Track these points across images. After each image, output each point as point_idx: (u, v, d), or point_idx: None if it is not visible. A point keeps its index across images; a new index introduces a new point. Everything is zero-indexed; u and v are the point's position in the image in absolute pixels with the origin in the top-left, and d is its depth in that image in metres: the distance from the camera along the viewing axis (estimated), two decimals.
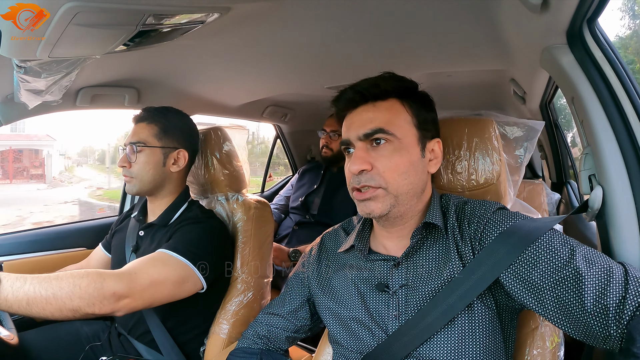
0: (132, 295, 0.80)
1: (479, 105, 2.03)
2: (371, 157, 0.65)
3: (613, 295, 0.49)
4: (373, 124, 0.65)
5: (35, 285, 0.70)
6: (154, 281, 0.84)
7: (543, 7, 0.61)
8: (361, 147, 0.66)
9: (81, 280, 0.74)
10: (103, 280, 0.76)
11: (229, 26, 0.87)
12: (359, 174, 0.65)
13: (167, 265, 0.88)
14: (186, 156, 1.08)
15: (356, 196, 0.67)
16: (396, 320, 0.65)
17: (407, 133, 0.66)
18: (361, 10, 0.85)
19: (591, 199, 0.63)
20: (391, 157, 0.65)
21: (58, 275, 0.74)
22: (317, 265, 0.80)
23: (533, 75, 1.10)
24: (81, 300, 0.73)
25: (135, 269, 0.83)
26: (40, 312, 0.70)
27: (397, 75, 0.70)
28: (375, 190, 0.65)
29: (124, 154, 1.04)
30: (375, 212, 0.65)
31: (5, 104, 1.14)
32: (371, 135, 0.65)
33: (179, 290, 0.89)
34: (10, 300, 0.68)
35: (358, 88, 0.68)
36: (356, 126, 0.67)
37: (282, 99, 2.06)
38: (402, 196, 0.66)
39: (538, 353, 0.70)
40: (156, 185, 1.05)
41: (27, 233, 1.44)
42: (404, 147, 0.65)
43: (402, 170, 0.65)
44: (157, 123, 1.05)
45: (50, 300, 0.70)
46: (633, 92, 0.61)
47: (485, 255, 0.61)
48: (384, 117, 0.66)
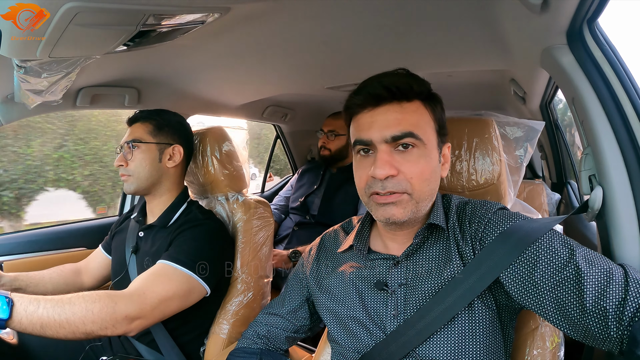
0: (144, 316, 0.82)
1: (479, 105, 2.03)
2: (396, 161, 0.61)
3: (613, 297, 0.49)
4: (402, 127, 0.61)
5: (48, 309, 0.71)
6: (163, 299, 0.85)
7: (543, 7, 0.61)
8: (386, 150, 0.62)
9: (93, 305, 0.75)
10: (115, 305, 0.78)
11: (229, 26, 0.87)
12: (384, 180, 0.61)
13: (173, 280, 0.89)
14: (181, 151, 1.09)
15: (376, 199, 0.63)
16: (394, 320, 0.65)
17: (431, 138, 0.64)
18: (361, 10, 0.85)
19: (591, 199, 0.63)
20: (418, 162, 0.62)
21: (71, 299, 0.75)
22: (316, 265, 0.80)
23: (533, 76, 1.10)
24: (94, 325, 0.75)
25: (143, 288, 0.85)
26: (54, 334, 0.72)
27: (415, 75, 0.66)
28: (400, 195, 0.62)
29: (120, 154, 1.05)
30: (396, 216, 0.62)
31: (5, 104, 1.14)
32: (400, 139, 0.61)
33: (186, 302, 0.92)
34: (25, 324, 0.70)
35: (386, 83, 0.62)
36: (380, 126, 0.62)
37: (282, 99, 2.06)
38: (422, 202, 0.64)
39: (538, 353, 0.70)
40: (153, 182, 1.06)
41: (27, 233, 1.44)
42: (428, 152, 0.63)
43: (426, 176, 0.63)
44: (150, 121, 1.07)
45: (63, 324, 0.72)
46: (633, 92, 0.61)
47: (486, 255, 0.61)
48: (412, 119, 0.62)
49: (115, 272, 1.10)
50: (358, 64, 1.22)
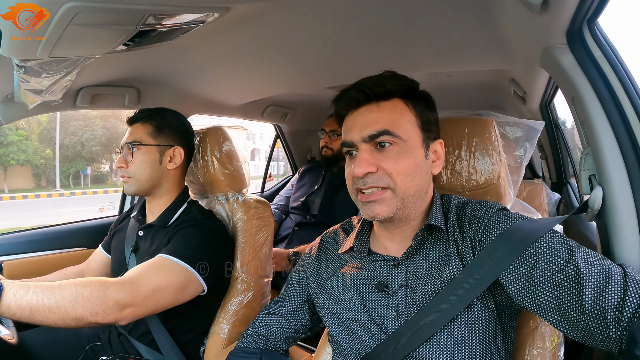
0: (136, 304, 0.80)
1: (479, 105, 2.03)
2: (376, 158, 0.64)
3: (612, 297, 0.49)
4: (378, 125, 0.63)
5: (38, 293, 0.71)
6: (157, 288, 0.84)
7: (543, 7, 0.61)
8: (365, 149, 0.64)
9: (84, 289, 0.74)
10: (106, 289, 0.76)
11: (229, 26, 0.87)
12: (364, 176, 0.63)
13: (169, 271, 0.88)
14: (182, 153, 1.08)
15: (360, 198, 0.66)
16: (395, 321, 0.65)
17: (412, 134, 0.65)
18: (361, 10, 0.85)
19: (591, 199, 0.63)
20: (397, 159, 0.63)
21: (61, 283, 0.74)
22: (317, 266, 0.80)
23: (533, 75, 1.10)
24: (84, 309, 0.73)
25: (137, 276, 0.84)
26: (43, 320, 0.71)
27: (399, 74, 0.68)
28: (382, 192, 0.63)
29: (120, 155, 1.05)
30: (380, 215, 0.64)
31: (5, 104, 1.15)
32: (376, 137, 0.63)
33: (182, 296, 0.90)
34: (13, 309, 0.69)
35: (361, 87, 0.66)
36: (359, 127, 0.65)
37: (282, 99, 2.06)
38: (408, 199, 0.65)
39: (538, 353, 0.69)
40: (153, 184, 1.05)
41: (27, 233, 1.44)
42: (409, 149, 0.64)
43: (408, 172, 0.64)
44: (151, 122, 1.06)
45: (52, 309, 0.71)
46: (633, 92, 0.61)
47: (485, 256, 0.61)
48: (388, 118, 0.64)
49: (115, 271, 1.10)
50: (358, 64, 1.22)
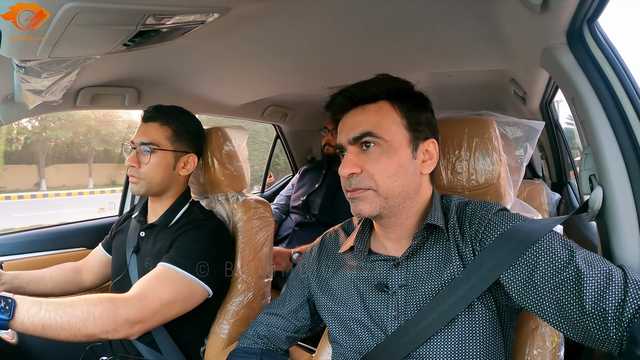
0: (145, 320, 0.82)
1: (479, 105, 2.02)
2: (361, 160, 0.66)
3: (612, 298, 0.49)
4: (361, 127, 0.66)
5: (50, 311, 0.72)
6: (164, 303, 0.86)
7: (543, 7, 0.61)
8: (352, 151, 0.67)
9: (95, 309, 0.76)
10: (116, 308, 0.78)
11: (229, 26, 0.87)
12: (349, 177, 0.66)
13: (174, 284, 0.89)
14: (195, 161, 1.09)
15: (348, 195, 0.69)
16: (395, 321, 0.65)
17: (396, 135, 0.66)
18: (362, 10, 0.85)
19: (591, 200, 0.63)
20: (379, 159, 0.65)
21: (72, 301, 0.76)
22: (317, 266, 0.80)
23: (533, 76, 1.10)
24: (95, 328, 0.75)
25: (144, 292, 0.85)
26: (55, 336, 0.72)
27: (390, 77, 0.70)
28: (364, 191, 0.66)
29: (133, 153, 1.02)
30: (363, 211, 0.66)
31: (5, 104, 1.14)
32: (360, 139, 0.66)
33: (188, 305, 0.92)
34: (27, 325, 0.71)
35: (347, 93, 0.69)
36: (347, 130, 0.68)
37: (282, 99, 2.06)
38: (392, 198, 0.66)
39: (538, 353, 0.69)
40: (163, 188, 1.05)
41: (27, 233, 1.44)
42: (392, 149, 0.65)
43: (390, 172, 0.65)
44: (171, 125, 1.03)
45: (65, 326, 0.73)
46: (633, 92, 0.61)
47: (486, 256, 0.61)
48: (372, 120, 0.66)
49: (116, 271, 1.10)
50: (358, 64, 1.22)
